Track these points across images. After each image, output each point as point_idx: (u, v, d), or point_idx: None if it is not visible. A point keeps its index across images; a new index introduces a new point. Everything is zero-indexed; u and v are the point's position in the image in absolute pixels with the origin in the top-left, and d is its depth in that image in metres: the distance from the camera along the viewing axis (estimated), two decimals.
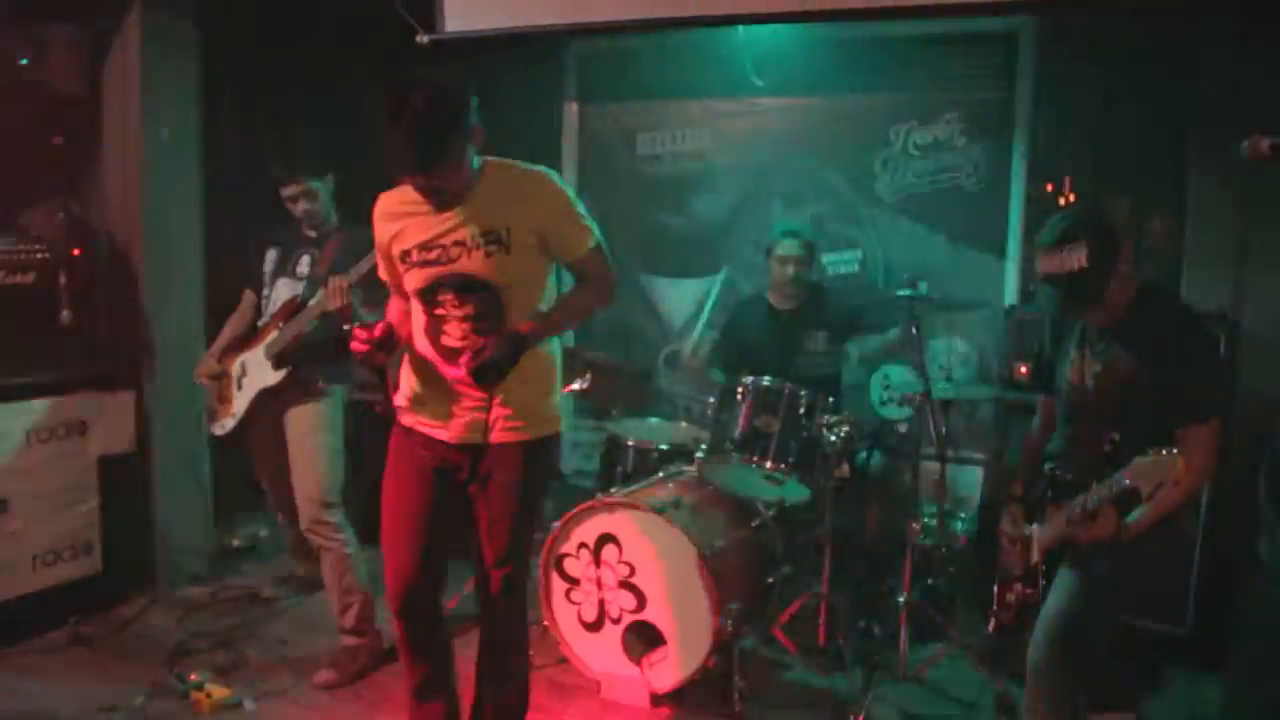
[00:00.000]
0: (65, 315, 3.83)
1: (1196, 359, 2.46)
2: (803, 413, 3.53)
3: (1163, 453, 2.22)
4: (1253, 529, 3.13)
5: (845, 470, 3.59)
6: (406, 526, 2.64)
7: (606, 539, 3.39)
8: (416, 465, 2.64)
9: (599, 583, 3.41)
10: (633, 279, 5.09)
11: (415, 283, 2.53)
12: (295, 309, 3.51)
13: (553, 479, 4.27)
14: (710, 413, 3.71)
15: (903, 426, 4.21)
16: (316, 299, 3.38)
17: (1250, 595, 3.14)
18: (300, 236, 3.64)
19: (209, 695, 3.23)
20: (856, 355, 4.26)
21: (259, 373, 3.60)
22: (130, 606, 3.95)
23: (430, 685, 2.74)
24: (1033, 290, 4.25)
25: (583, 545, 3.43)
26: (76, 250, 3.88)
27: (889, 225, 4.66)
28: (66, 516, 3.87)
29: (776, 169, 4.86)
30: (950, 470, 3.88)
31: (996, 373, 4.38)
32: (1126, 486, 2.30)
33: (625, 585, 3.37)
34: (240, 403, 3.67)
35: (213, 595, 4.17)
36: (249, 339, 3.69)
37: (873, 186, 4.68)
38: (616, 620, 3.40)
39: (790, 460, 3.47)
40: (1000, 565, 2.84)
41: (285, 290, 3.61)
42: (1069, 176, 4.27)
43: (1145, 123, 4.11)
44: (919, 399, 3.62)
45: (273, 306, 3.63)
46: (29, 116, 3.91)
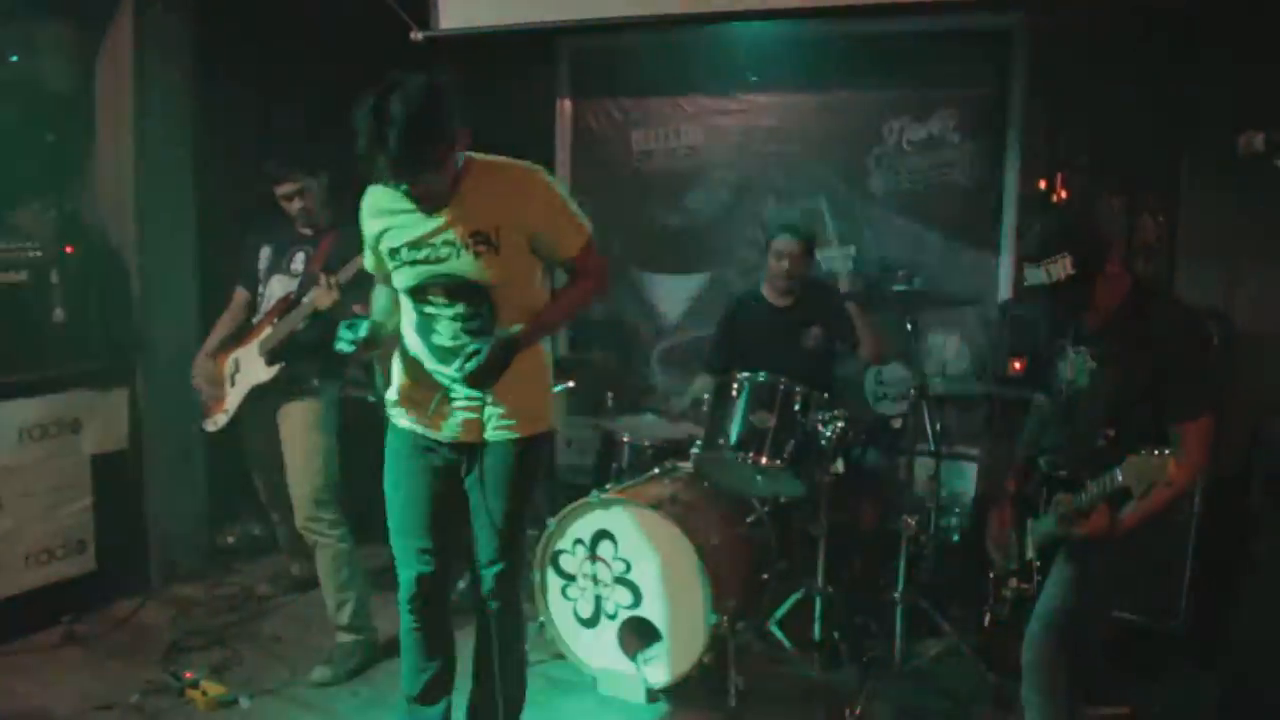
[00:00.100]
0: (58, 313, 3.82)
1: (1188, 356, 2.47)
2: (798, 409, 3.53)
3: (1154, 452, 2.23)
4: (1247, 525, 3.15)
5: (840, 466, 3.59)
6: (415, 525, 2.66)
7: (602, 535, 3.40)
8: (416, 465, 2.65)
9: (595, 579, 3.42)
10: (626, 275, 5.08)
11: (404, 281, 2.51)
12: (289, 306, 3.50)
13: (546, 476, 4.29)
14: (706, 409, 3.71)
15: (898, 422, 4.22)
16: (309, 297, 3.37)
17: (1245, 591, 3.16)
18: (294, 234, 3.64)
19: (204, 693, 3.23)
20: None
21: (252, 369, 3.59)
22: (124, 605, 3.93)
23: (436, 686, 2.76)
24: (1026, 287, 4.25)
25: (579, 541, 3.44)
26: (69, 248, 3.87)
27: (883, 221, 4.66)
28: (60, 515, 3.86)
29: (770, 165, 4.85)
30: (945, 466, 3.90)
31: (991, 368, 4.39)
32: (1120, 484, 2.31)
33: (621, 581, 3.37)
34: (233, 399, 3.67)
35: (207, 593, 4.17)
36: (242, 336, 3.68)
37: (866, 183, 4.68)
38: (613, 616, 3.41)
39: (786, 456, 3.47)
40: (990, 561, 2.85)
41: (279, 287, 3.60)
42: (1062, 173, 4.28)
43: (1138, 119, 4.12)
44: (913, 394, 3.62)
45: (267, 304, 3.63)
46: (21, 114, 3.89)
